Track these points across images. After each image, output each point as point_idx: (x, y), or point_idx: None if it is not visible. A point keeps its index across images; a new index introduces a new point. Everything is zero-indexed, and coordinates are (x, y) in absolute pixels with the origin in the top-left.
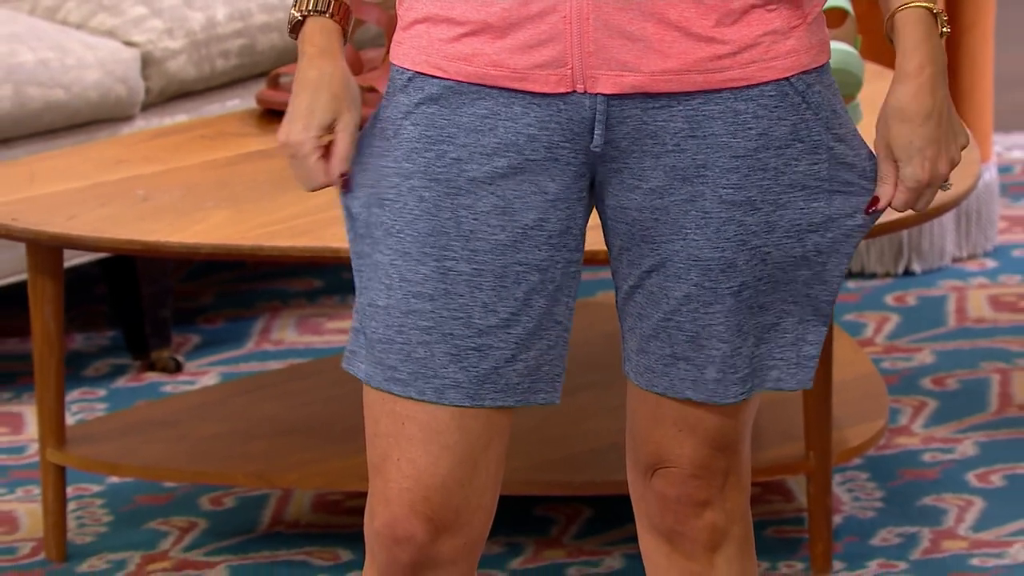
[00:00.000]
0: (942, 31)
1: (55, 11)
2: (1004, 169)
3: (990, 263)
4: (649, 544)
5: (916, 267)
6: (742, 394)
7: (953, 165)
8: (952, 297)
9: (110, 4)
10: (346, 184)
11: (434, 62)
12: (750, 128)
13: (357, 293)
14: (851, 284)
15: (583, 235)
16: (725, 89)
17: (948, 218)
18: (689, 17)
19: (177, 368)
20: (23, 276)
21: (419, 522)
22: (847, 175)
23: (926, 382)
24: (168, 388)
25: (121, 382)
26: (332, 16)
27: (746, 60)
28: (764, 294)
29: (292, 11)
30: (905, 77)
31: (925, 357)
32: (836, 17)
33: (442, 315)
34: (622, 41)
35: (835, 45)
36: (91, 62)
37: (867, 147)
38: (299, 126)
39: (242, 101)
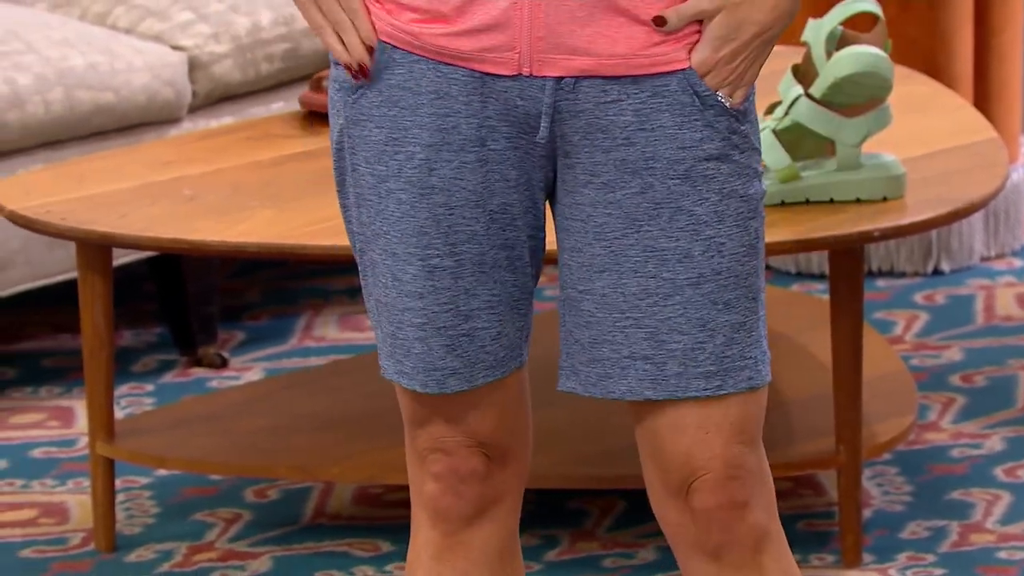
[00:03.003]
0: None
1: (105, 16)
2: None
3: (1018, 262)
4: (694, 569)
5: (945, 266)
6: (706, 390)
7: (748, 84)
8: (980, 295)
9: (158, 9)
10: (363, 72)
11: (382, 28)
12: (695, 119)
13: (363, 289)
14: (881, 283)
15: (544, 215)
16: (674, 74)
17: (977, 218)
18: (637, 4)
19: (223, 364)
20: (73, 274)
21: (478, 459)
22: (755, 155)
23: (954, 379)
24: (214, 383)
25: (168, 377)
26: None
27: (691, 44)
28: (728, 289)
29: None
30: None
31: (954, 354)
32: (867, 21)
33: (433, 310)
34: (571, 27)
35: (866, 49)
36: (139, 66)
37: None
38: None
39: (286, 104)
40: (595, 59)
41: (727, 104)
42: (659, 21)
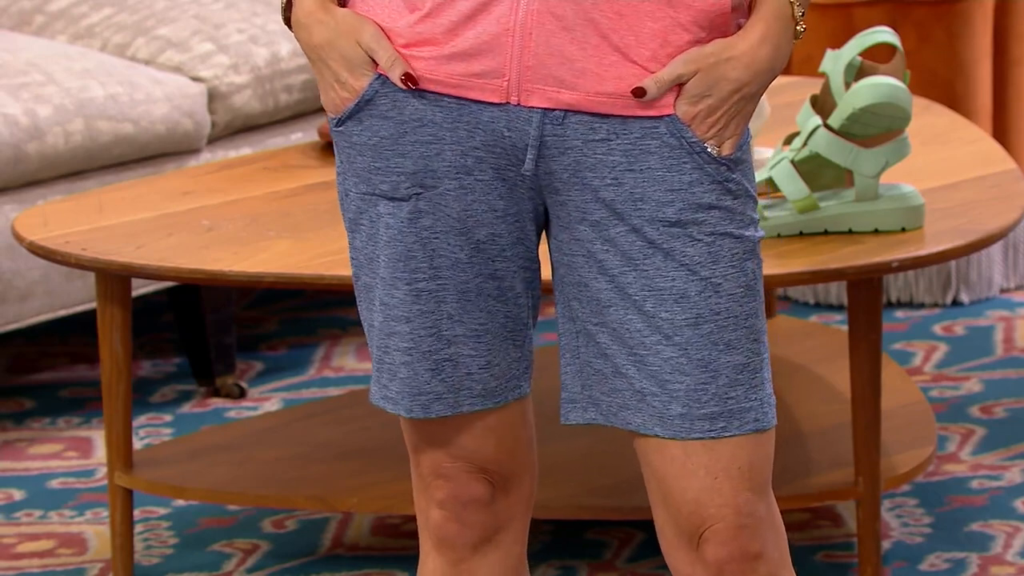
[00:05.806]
0: (796, 29)
1: (125, 48)
2: None
3: None
4: None
5: (964, 297)
6: (711, 432)
7: (734, 136)
8: (1000, 327)
9: (178, 41)
10: (411, 79)
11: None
12: (684, 163)
13: (360, 314)
14: (900, 314)
15: (536, 247)
16: (662, 118)
17: (996, 249)
18: (629, 44)
19: (241, 394)
20: (93, 304)
21: (480, 485)
22: (750, 202)
23: (974, 410)
24: (232, 413)
25: (187, 408)
26: None
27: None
28: (728, 330)
29: None
30: (745, 36)
31: (973, 386)
32: (885, 52)
33: (419, 334)
34: (561, 59)
35: (884, 80)
36: (159, 97)
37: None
38: (345, 86)
39: (304, 134)
40: (582, 95)
41: (714, 153)
42: (638, 92)
